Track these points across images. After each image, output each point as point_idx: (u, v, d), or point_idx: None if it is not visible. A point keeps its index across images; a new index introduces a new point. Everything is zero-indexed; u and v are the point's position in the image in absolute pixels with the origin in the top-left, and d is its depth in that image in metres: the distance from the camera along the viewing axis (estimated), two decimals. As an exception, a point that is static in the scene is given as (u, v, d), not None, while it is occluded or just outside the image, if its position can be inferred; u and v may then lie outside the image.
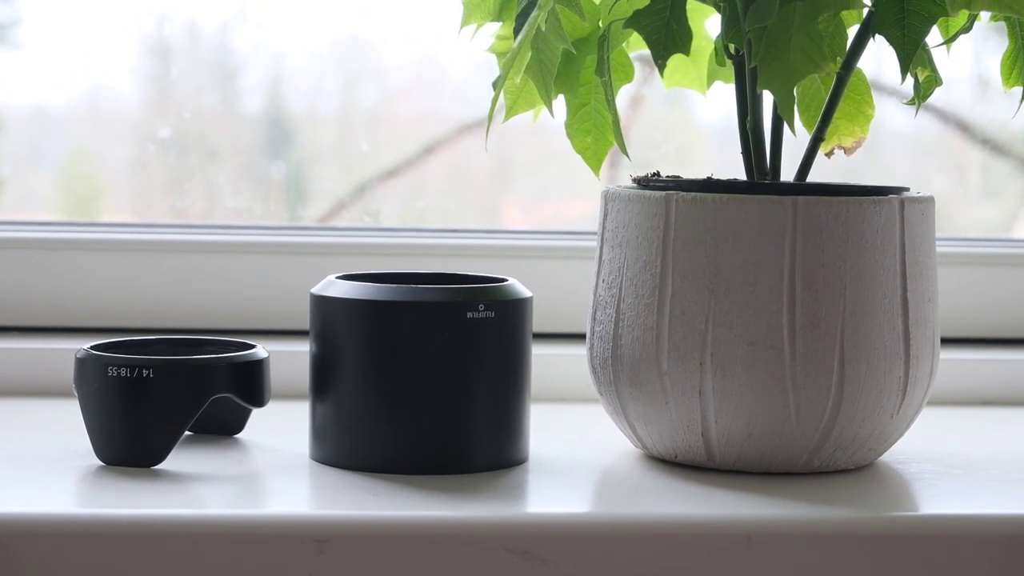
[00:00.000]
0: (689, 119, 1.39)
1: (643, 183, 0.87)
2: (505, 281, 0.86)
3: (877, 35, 0.82)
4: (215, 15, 1.29)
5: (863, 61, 0.86)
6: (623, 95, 0.94)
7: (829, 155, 0.91)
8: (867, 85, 0.90)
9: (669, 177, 0.88)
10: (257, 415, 0.92)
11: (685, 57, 0.88)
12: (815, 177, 0.87)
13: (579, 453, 0.90)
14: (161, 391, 0.83)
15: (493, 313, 0.83)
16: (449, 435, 0.83)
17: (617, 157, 1.10)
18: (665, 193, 0.83)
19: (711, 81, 0.94)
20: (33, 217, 1.30)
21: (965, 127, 1.33)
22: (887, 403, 0.83)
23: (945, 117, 1.33)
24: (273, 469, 0.86)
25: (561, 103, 0.90)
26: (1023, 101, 0.87)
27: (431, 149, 1.31)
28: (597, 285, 0.87)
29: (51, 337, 1.13)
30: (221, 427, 0.92)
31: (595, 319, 0.87)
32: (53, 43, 1.27)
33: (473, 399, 0.83)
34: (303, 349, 0.90)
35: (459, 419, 0.83)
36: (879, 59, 1.18)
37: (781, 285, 0.82)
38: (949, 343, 1.11)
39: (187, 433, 0.90)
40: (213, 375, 0.85)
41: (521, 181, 1.38)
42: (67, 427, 0.91)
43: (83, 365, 0.84)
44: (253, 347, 0.88)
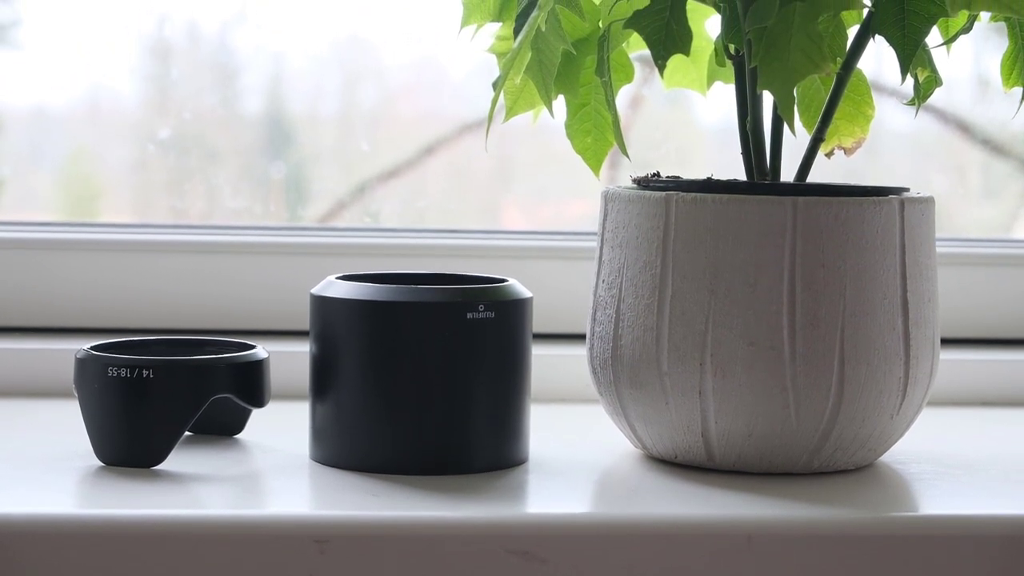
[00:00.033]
0: (689, 119, 1.39)
1: (643, 183, 0.87)
2: (505, 281, 0.86)
3: (877, 35, 0.82)
4: (215, 15, 1.29)
5: (863, 61, 0.86)
6: (623, 95, 0.94)
7: (829, 155, 0.91)
8: (867, 85, 0.90)
9: (669, 177, 0.88)
10: (257, 415, 0.92)
11: (685, 57, 0.88)
12: (815, 177, 0.87)
13: (579, 453, 0.90)
14: (161, 391, 0.83)
15: (493, 313, 0.83)
16: (449, 435, 0.83)
17: (617, 157, 1.10)
18: (665, 193, 0.83)
19: (711, 81, 0.94)
20: (33, 217, 1.30)
21: (965, 127, 1.33)
22: (887, 403, 0.83)
23: (945, 117, 1.33)
24: (273, 469, 0.86)
25: (561, 103, 0.90)
26: (1023, 101, 0.87)
27: (431, 149, 1.31)
28: (597, 285, 0.87)
29: (51, 337, 1.13)
30: (221, 427, 0.92)
31: (595, 319, 0.87)
32: (53, 43, 1.27)
33: (473, 399, 0.83)
34: (303, 349, 0.90)
35: (459, 419, 0.83)
36: (879, 59, 1.18)
37: (781, 285, 0.82)
38: (949, 343, 1.11)
39: (187, 433, 0.90)
40: (213, 375, 0.84)
41: (521, 181, 1.38)
42: (67, 427, 0.91)
43: (83, 365, 0.84)
44: (253, 347, 0.88)
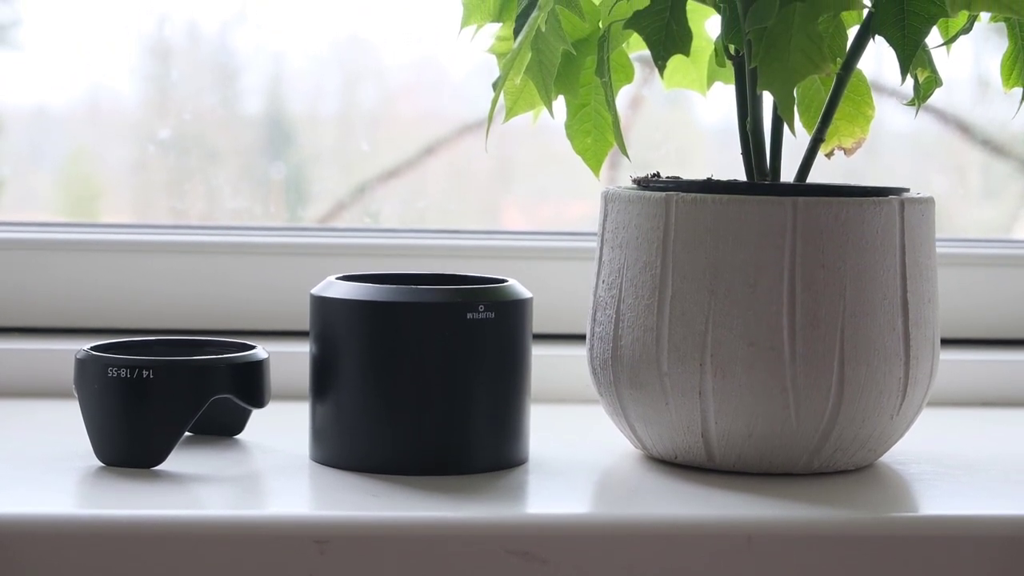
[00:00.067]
0: (689, 120, 1.39)
1: (643, 184, 0.87)
2: (505, 282, 0.86)
3: (877, 36, 0.82)
4: (215, 16, 1.29)
5: (863, 62, 0.86)
6: (623, 96, 0.94)
7: (829, 156, 0.91)
8: (867, 86, 0.90)
9: (669, 178, 0.88)
10: (257, 416, 0.92)
11: (685, 58, 0.88)
12: (815, 178, 0.87)
13: (579, 454, 0.90)
14: (161, 392, 0.83)
15: (493, 314, 0.83)
16: (449, 436, 0.83)
17: (617, 158, 1.10)
18: (665, 194, 0.83)
19: (711, 82, 0.94)
20: (33, 217, 1.30)
21: (965, 128, 1.33)
22: (887, 404, 0.83)
23: (945, 118, 1.33)
24: (273, 470, 0.86)
25: (561, 104, 0.90)
26: (1023, 102, 0.87)
27: (431, 150, 1.31)
28: (597, 286, 0.87)
29: (51, 337, 1.13)
30: (221, 428, 0.92)
31: (595, 320, 0.87)
32: (53, 43, 1.27)
33: (473, 400, 0.83)
34: (303, 350, 0.90)
35: (459, 420, 0.83)
36: (879, 60, 1.18)
37: (781, 286, 0.82)
38: (949, 344, 1.11)
39: (187, 434, 0.90)
40: (213, 376, 0.84)
41: (521, 182, 1.38)
42: (67, 427, 0.91)
43: (83, 366, 0.84)
44: (253, 348, 0.88)
